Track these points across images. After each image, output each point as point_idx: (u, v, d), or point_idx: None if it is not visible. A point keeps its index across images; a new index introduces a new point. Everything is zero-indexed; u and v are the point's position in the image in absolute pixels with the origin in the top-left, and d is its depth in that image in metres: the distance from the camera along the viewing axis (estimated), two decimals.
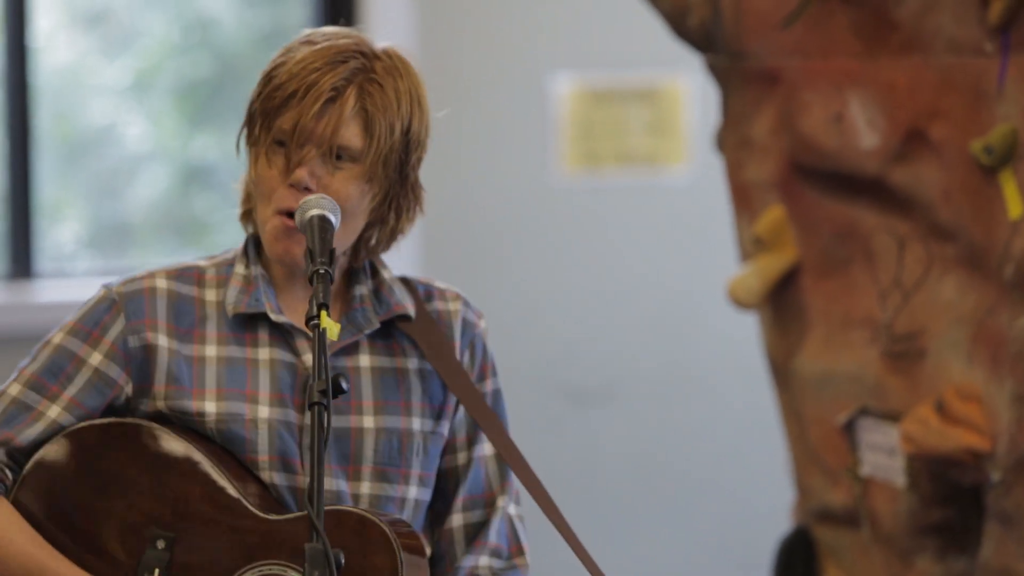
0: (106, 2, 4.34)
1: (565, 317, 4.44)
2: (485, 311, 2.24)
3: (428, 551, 2.14)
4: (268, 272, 2.13)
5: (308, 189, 2.05)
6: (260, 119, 2.07)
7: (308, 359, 2.09)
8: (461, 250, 4.33)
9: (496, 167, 4.37)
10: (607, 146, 4.45)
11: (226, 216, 4.42)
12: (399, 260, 2.20)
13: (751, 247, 3.19)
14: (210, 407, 2.08)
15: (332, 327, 1.93)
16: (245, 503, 2.03)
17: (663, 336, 4.49)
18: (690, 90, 4.44)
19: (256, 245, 2.13)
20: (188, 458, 2.05)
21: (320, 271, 1.96)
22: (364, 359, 2.12)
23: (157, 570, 2.02)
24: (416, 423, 2.13)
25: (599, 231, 4.46)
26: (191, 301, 2.12)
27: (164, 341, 2.09)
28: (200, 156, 4.47)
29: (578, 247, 4.45)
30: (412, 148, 2.09)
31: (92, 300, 2.12)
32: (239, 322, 2.11)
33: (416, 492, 2.13)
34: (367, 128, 2.05)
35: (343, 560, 1.88)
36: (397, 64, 2.09)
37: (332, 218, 2.02)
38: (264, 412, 2.08)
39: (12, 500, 2.07)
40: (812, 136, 3.03)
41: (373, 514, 2.03)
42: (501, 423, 2.16)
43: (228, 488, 2.04)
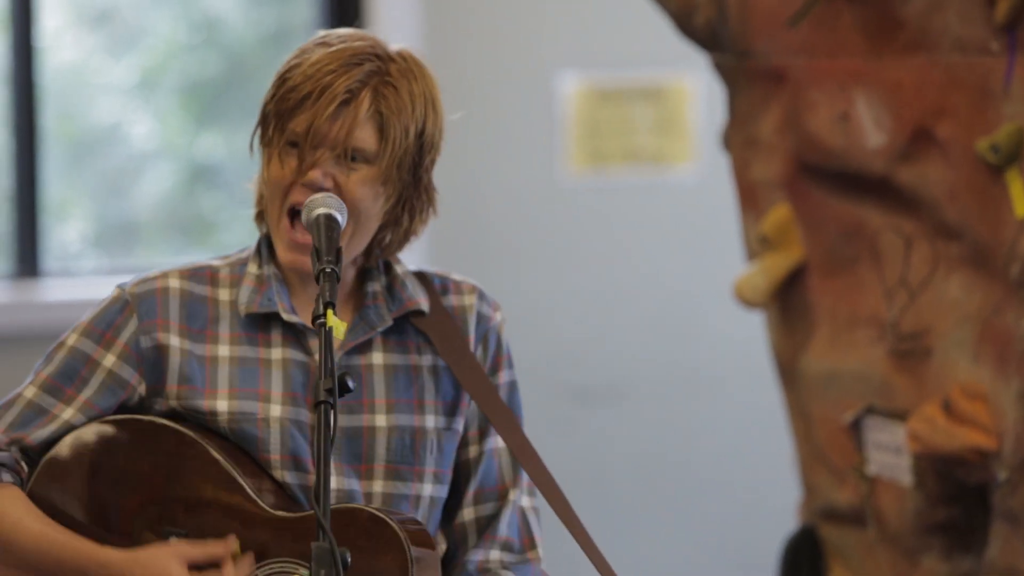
0: (112, 1, 4.34)
1: (571, 316, 4.44)
2: None
3: (443, 548, 2.14)
4: (281, 272, 2.13)
5: (322, 190, 2.05)
6: (274, 120, 2.07)
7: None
8: (468, 249, 4.33)
9: (503, 166, 4.38)
10: (613, 145, 4.45)
11: (232, 215, 4.42)
12: (406, 258, 2.20)
13: (757, 246, 3.20)
14: (222, 406, 2.08)
15: (339, 326, 1.93)
16: (257, 500, 2.03)
17: (669, 335, 4.49)
18: (696, 89, 4.44)
19: (269, 245, 2.13)
20: (201, 455, 2.05)
21: (327, 270, 1.96)
22: (377, 356, 2.12)
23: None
24: (430, 420, 2.13)
25: (605, 230, 4.47)
26: (204, 301, 2.12)
27: (176, 341, 2.10)
28: (206, 155, 4.47)
29: (584, 246, 4.45)
30: (426, 150, 2.10)
31: (106, 300, 2.12)
32: (252, 322, 2.11)
33: (431, 489, 2.13)
34: (382, 131, 2.05)
35: (349, 559, 1.88)
36: (412, 67, 2.09)
37: (338, 216, 2.02)
38: (276, 411, 2.09)
39: (27, 495, 2.08)
40: (818, 135, 3.03)
41: (384, 513, 2.03)
42: (515, 419, 2.15)
43: (241, 485, 2.04)
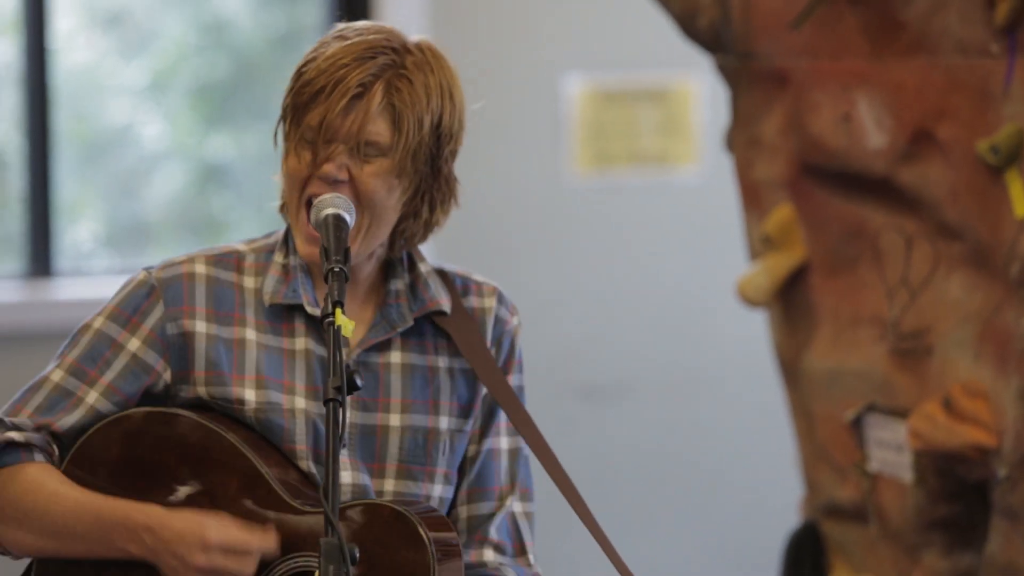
0: (124, 4, 4.32)
1: (577, 315, 4.43)
2: None
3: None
4: (306, 263, 2.12)
5: (337, 182, 2.05)
6: (291, 114, 2.07)
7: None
8: (474, 249, 4.30)
9: (509, 167, 4.37)
10: (618, 146, 4.44)
11: (242, 214, 4.41)
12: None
13: (760, 246, 3.20)
14: (250, 395, 2.08)
15: (347, 325, 1.93)
16: (282, 494, 2.03)
17: (673, 334, 4.48)
18: (700, 90, 4.44)
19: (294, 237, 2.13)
20: (227, 448, 2.05)
21: (335, 269, 1.97)
22: (396, 356, 2.13)
23: None
24: (443, 422, 2.14)
25: (610, 230, 4.46)
26: (230, 287, 2.11)
27: (203, 327, 2.09)
28: (216, 155, 4.43)
29: (589, 246, 4.44)
30: (444, 141, 2.09)
31: (131, 283, 2.12)
32: (275, 312, 2.11)
33: (441, 490, 2.13)
34: (395, 123, 2.04)
35: (358, 554, 1.89)
36: (429, 58, 2.08)
37: (346, 216, 2.03)
38: (301, 403, 2.09)
39: None
40: (820, 136, 3.03)
41: (405, 508, 2.03)
42: (531, 418, 2.14)
43: (266, 480, 2.04)
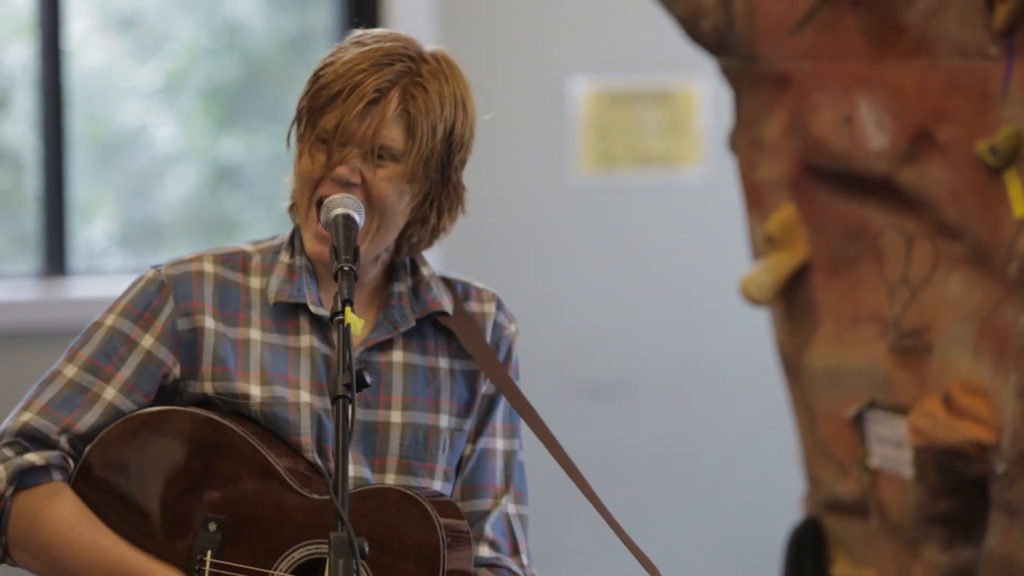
0: (137, 6, 4.31)
1: (582, 314, 4.43)
2: None
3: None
4: (311, 264, 2.14)
5: (349, 184, 2.06)
6: (306, 116, 2.08)
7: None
8: (481, 248, 4.29)
9: (515, 168, 4.36)
10: (623, 147, 4.43)
11: (254, 215, 4.34)
12: (426, 258, 2.21)
13: (763, 245, 3.20)
14: (255, 390, 2.09)
15: (356, 323, 1.95)
16: (292, 484, 2.05)
17: (677, 332, 4.47)
18: (704, 92, 4.43)
19: (301, 234, 2.13)
20: (236, 442, 2.06)
21: (345, 268, 1.98)
22: (397, 355, 2.14)
23: (210, 552, 2.05)
24: (444, 420, 2.15)
25: (615, 230, 4.46)
26: (236, 287, 2.13)
27: (211, 324, 2.10)
28: (228, 156, 4.41)
29: (594, 245, 4.44)
30: (455, 150, 2.11)
31: (141, 281, 2.12)
32: (280, 310, 2.12)
33: (440, 487, 2.15)
34: (409, 130, 2.06)
35: (367, 548, 1.89)
36: (444, 67, 2.10)
37: (356, 216, 2.04)
38: (305, 397, 2.10)
39: (72, 486, 2.08)
40: (822, 137, 3.04)
41: (413, 491, 2.04)
42: (535, 410, 2.16)
43: (276, 470, 2.05)
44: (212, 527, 2.05)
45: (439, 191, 2.13)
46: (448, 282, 2.21)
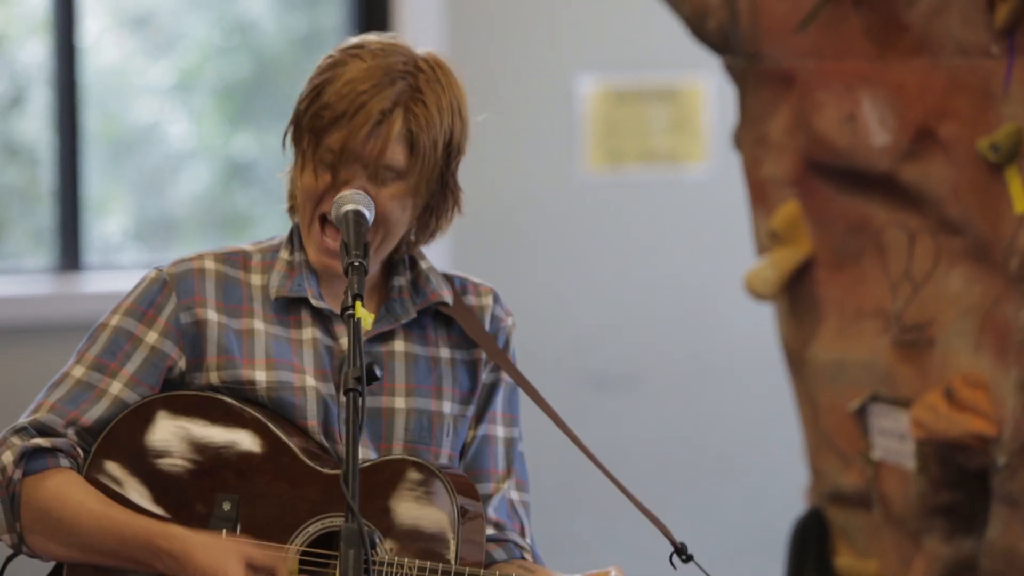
0: (151, 5, 4.33)
1: (590, 308, 4.43)
2: (513, 303, 2.27)
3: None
4: (311, 259, 2.15)
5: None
6: (308, 135, 2.10)
7: (345, 343, 2.12)
8: (490, 245, 4.30)
9: (523, 165, 4.36)
10: (630, 144, 4.43)
11: (266, 211, 4.31)
12: (429, 254, 2.23)
13: (767, 241, 3.21)
14: (260, 376, 2.11)
15: (367, 317, 1.96)
16: (304, 459, 2.07)
17: (683, 326, 4.48)
18: (709, 90, 4.44)
19: (301, 234, 2.16)
20: (248, 422, 2.08)
21: (355, 263, 1.99)
22: (399, 344, 2.16)
23: (225, 530, 2.06)
24: (447, 407, 2.17)
25: (622, 226, 4.45)
26: (237, 283, 2.15)
27: (214, 316, 2.12)
28: (240, 153, 4.43)
29: (602, 241, 4.44)
30: (453, 156, 2.13)
31: (144, 281, 2.15)
32: (282, 305, 2.14)
33: None
34: (412, 148, 2.08)
35: (378, 540, 1.92)
36: (439, 75, 2.11)
37: (366, 212, 2.06)
38: (311, 381, 2.12)
39: (85, 475, 2.10)
40: (826, 135, 3.05)
41: (428, 463, 2.07)
42: (537, 392, 2.18)
43: (288, 446, 2.07)
44: (227, 506, 2.07)
45: (438, 199, 2.16)
46: (446, 277, 2.24)
